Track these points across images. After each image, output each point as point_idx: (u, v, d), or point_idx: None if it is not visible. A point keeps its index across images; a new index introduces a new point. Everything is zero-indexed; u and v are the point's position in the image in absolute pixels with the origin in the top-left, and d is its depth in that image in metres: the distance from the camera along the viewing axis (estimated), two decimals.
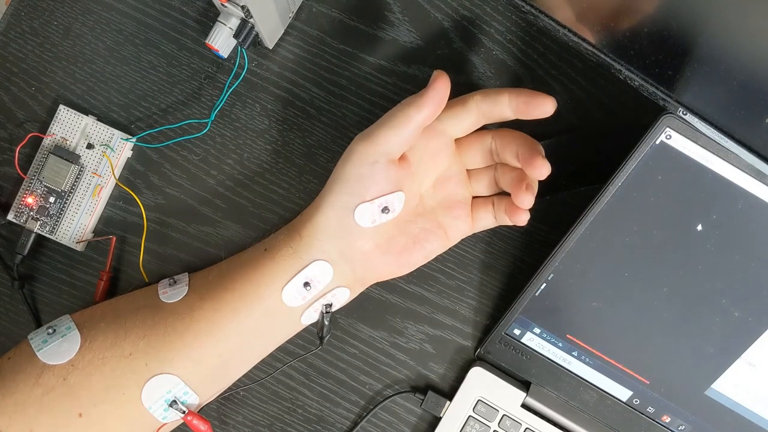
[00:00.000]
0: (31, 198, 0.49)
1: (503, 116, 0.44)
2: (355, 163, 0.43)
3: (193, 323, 0.44)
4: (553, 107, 0.42)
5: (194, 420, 0.45)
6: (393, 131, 0.42)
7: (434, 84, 0.42)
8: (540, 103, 0.42)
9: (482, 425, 0.50)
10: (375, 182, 0.43)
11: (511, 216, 0.45)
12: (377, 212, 0.44)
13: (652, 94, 0.40)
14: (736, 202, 0.42)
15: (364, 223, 0.43)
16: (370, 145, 0.43)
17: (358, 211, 0.43)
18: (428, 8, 0.50)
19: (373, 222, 0.44)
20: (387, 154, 0.43)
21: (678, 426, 0.49)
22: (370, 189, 0.43)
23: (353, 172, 0.43)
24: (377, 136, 0.42)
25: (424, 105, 0.42)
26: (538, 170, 0.42)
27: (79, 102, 0.51)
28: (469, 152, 0.46)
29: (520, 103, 0.43)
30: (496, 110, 0.44)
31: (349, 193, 0.43)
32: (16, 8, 0.51)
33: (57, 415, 0.43)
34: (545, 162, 0.42)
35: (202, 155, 0.51)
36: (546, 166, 0.42)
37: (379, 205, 0.43)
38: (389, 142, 0.42)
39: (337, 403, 0.51)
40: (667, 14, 0.36)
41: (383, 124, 0.43)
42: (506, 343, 0.49)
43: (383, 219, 0.44)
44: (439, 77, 0.42)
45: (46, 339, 0.44)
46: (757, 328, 0.45)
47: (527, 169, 0.43)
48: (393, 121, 0.42)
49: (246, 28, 0.47)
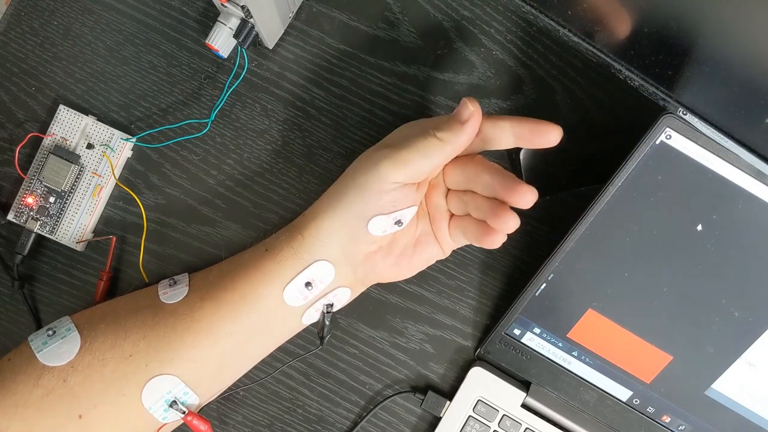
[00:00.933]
0: (31, 198, 0.49)
1: (502, 143, 0.43)
2: (379, 179, 0.42)
3: (193, 323, 0.44)
4: (559, 137, 0.41)
5: (194, 420, 0.45)
6: (424, 159, 0.41)
7: (471, 121, 0.41)
8: (546, 132, 0.41)
9: (482, 425, 0.50)
10: (397, 201, 0.42)
11: (483, 238, 0.43)
12: (390, 224, 0.44)
13: (652, 94, 0.40)
14: (736, 202, 0.42)
15: (376, 233, 0.44)
16: (399, 168, 0.41)
17: (374, 221, 0.43)
18: (428, 8, 0.50)
19: (384, 231, 0.44)
20: (414, 179, 0.42)
21: (678, 426, 0.49)
22: (389, 204, 0.43)
23: (375, 188, 0.42)
24: (408, 161, 0.41)
25: (459, 140, 0.41)
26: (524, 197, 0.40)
27: (79, 102, 0.51)
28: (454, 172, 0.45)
29: (524, 131, 0.42)
30: (496, 135, 0.42)
31: (367, 204, 0.43)
32: (16, 8, 0.51)
33: (57, 416, 0.43)
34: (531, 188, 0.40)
35: (202, 155, 0.51)
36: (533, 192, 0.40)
37: (395, 218, 0.43)
38: (419, 170, 0.42)
39: (337, 403, 0.52)
40: (667, 14, 0.36)
41: (415, 150, 0.41)
42: (506, 343, 0.49)
43: (395, 229, 0.44)
44: (475, 113, 0.41)
45: (46, 341, 0.44)
46: (757, 328, 0.45)
47: (510, 197, 0.41)
48: (426, 150, 0.41)
49: (246, 28, 0.47)
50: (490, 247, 0.43)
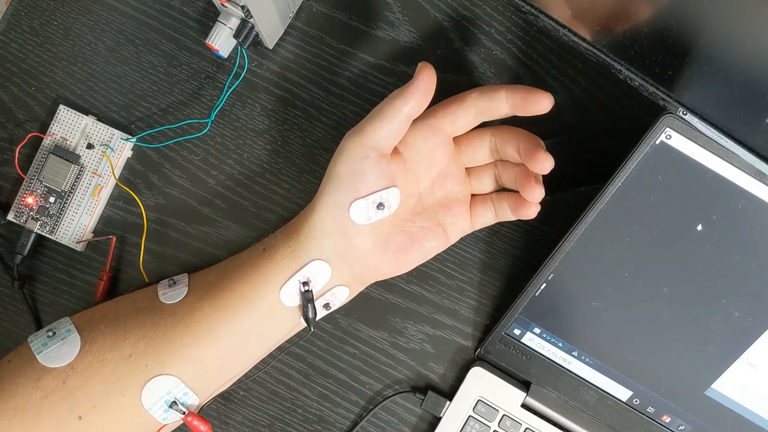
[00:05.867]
0: (31, 198, 0.49)
1: (501, 113, 0.44)
2: (346, 159, 0.43)
3: (192, 324, 0.44)
4: (550, 103, 0.42)
5: (194, 421, 0.45)
6: (381, 124, 0.42)
7: (419, 75, 0.42)
8: (537, 99, 0.42)
9: (482, 425, 0.50)
10: (367, 178, 0.43)
11: (518, 210, 0.45)
12: (372, 208, 0.43)
13: (652, 94, 0.40)
14: (736, 202, 0.42)
15: (360, 220, 0.43)
16: (359, 140, 0.42)
17: (353, 208, 0.43)
18: (428, 8, 0.50)
19: (369, 219, 0.44)
20: (377, 149, 0.43)
21: (678, 426, 0.49)
22: (362, 185, 0.43)
23: (345, 169, 0.43)
24: (366, 130, 0.42)
25: (411, 96, 0.42)
26: (541, 164, 0.42)
27: (79, 102, 0.51)
28: (468, 150, 0.46)
29: (517, 99, 0.43)
30: (493, 107, 0.44)
31: (343, 191, 0.43)
32: (16, 8, 0.51)
33: (57, 418, 0.43)
34: (548, 155, 0.42)
35: (202, 155, 0.51)
36: (549, 160, 0.42)
37: (373, 201, 0.43)
38: (378, 136, 0.42)
39: (337, 403, 0.52)
40: (668, 14, 0.36)
41: (372, 118, 0.43)
42: (506, 343, 0.49)
43: (379, 216, 0.44)
44: (424, 68, 0.42)
45: (45, 342, 0.44)
46: (757, 328, 0.45)
47: (530, 163, 0.43)
48: (381, 114, 0.42)
49: (246, 28, 0.47)
50: (527, 217, 0.45)
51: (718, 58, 0.36)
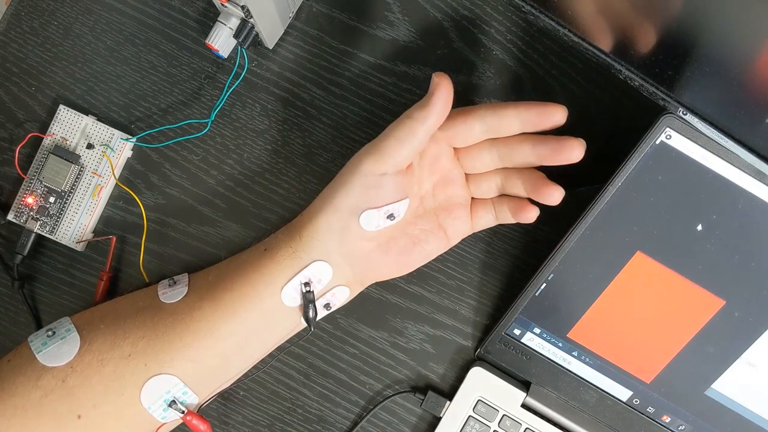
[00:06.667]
0: (31, 198, 0.49)
1: (511, 130, 0.43)
2: (364, 174, 0.43)
3: (192, 323, 0.44)
4: (564, 116, 0.42)
5: (194, 420, 0.45)
6: (400, 144, 0.42)
7: (437, 90, 0.41)
8: (550, 113, 0.42)
9: (482, 425, 0.50)
10: (384, 192, 0.43)
11: (518, 214, 0.45)
12: (383, 218, 0.44)
13: (652, 94, 0.40)
14: (736, 202, 0.42)
15: (369, 228, 0.44)
16: (378, 159, 0.42)
17: (364, 216, 0.43)
18: (428, 8, 0.50)
19: (378, 227, 0.44)
20: (395, 166, 0.43)
21: (678, 426, 0.49)
22: (378, 198, 0.43)
23: (361, 182, 0.43)
24: (385, 150, 0.42)
25: (429, 116, 0.42)
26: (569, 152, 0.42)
27: (79, 102, 0.51)
28: (469, 157, 0.46)
29: (531, 116, 0.42)
30: (503, 124, 0.43)
31: (357, 198, 0.43)
32: (16, 8, 0.51)
33: (56, 417, 0.43)
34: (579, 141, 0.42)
35: (202, 155, 0.51)
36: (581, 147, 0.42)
37: (386, 212, 0.43)
38: (397, 156, 0.42)
39: (337, 403, 0.51)
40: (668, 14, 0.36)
41: (389, 137, 0.42)
42: (506, 343, 0.49)
43: (387, 224, 0.44)
44: (441, 82, 0.42)
45: (45, 341, 0.44)
46: (757, 328, 0.45)
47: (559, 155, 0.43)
48: (399, 135, 0.42)
49: (246, 28, 0.47)
50: (527, 221, 0.45)
51: (719, 58, 0.36)
